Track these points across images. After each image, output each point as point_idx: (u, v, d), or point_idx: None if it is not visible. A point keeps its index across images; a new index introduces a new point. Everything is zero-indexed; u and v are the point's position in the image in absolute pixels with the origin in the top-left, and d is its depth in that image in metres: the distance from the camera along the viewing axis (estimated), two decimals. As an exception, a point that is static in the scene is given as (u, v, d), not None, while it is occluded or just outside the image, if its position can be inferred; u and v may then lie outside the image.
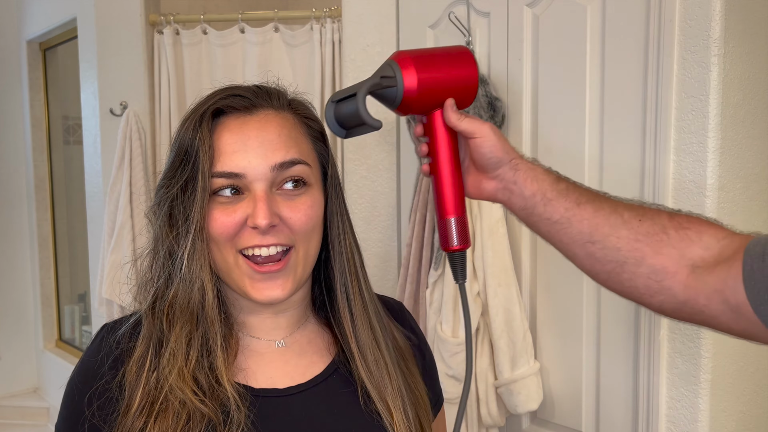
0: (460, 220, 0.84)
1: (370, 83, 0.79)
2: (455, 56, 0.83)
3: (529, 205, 0.81)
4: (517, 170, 0.81)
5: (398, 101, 0.81)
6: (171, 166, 0.78)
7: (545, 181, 0.81)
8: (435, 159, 0.84)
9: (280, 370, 0.82)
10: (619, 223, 0.76)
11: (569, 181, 0.82)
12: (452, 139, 0.84)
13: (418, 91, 0.80)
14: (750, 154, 1.29)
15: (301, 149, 0.79)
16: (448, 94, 0.82)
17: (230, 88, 0.81)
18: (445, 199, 0.84)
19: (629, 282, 0.77)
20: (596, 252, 0.78)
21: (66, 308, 3.65)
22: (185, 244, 0.76)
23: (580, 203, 0.79)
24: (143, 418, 0.73)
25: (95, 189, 2.86)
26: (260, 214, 0.74)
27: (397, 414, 0.80)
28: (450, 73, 0.82)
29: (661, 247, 0.74)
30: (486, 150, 0.82)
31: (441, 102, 0.82)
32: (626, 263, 0.76)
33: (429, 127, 0.84)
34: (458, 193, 0.84)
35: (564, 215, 0.79)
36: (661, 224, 0.75)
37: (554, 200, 0.80)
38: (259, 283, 0.77)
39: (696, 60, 1.23)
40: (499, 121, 1.53)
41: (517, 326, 1.53)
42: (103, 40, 2.65)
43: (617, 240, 0.76)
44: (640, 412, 1.37)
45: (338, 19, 2.06)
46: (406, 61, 0.80)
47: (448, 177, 0.84)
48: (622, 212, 0.77)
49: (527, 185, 0.81)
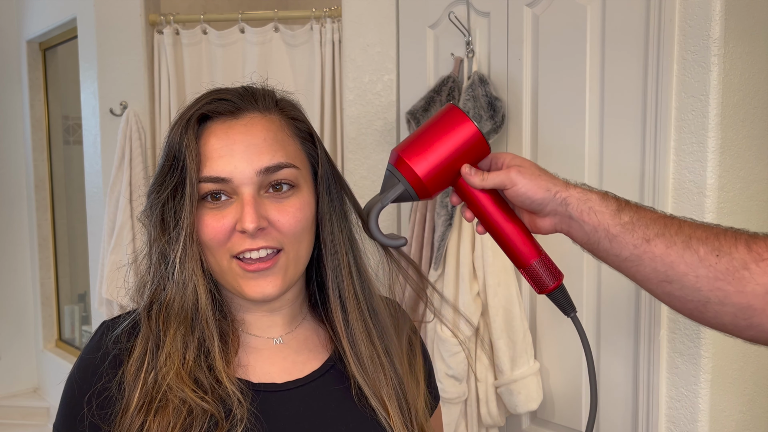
0: (541, 260, 0.80)
1: (379, 207, 0.80)
2: (445, 122, 0.79)
3: (592, 240, 0.76)
4: (567, 205, 0.76)
5: (416, 196, 0.80)
6: (161, 171, 0.79)
7: (604, 213, 0.75)
8: (483, 220, 0.81)
9: (278, 366, 0.83)
10: (695, 261, 0.71)
11: (631, 209, 0.75)
12: (490, 194, 0.80)
13: (427, 179, 0.78)
14: (750, 154, 1.29)
15: (288, 152, 0.79)
16: (460, 161, 0.79)
17: (216, 92, 0.81)
18: (516, 251, 0.80)
19: (715, 319, 0.72)
20: (674, 291, 0.73)
21: (66, 308, 3.65)
22: (176, 248, 0.76)
23: (649, 239, 0.73)
24: (142, 416, 0.73)
25: (95, 189, 2.86)
26: (248, 218, 0.74)
27: (392, 409, 0.81)
28: (448, 143, 0.78)
29: (744, 285, 0.69)
30: (523, 197, 0.77)
31: (457, 170, 0.79)
32: (709, 303, 0.71)
33: (462, 194, 0.81)
34: (525, 239, 0.80)
35: (633, 252, 0.73)
36: (741, 259, 0.69)
37: (619, 236, 0.74)
38: (251, 281, 0.77)
39: (696, 60, 1.23)
40: (499, 121, 1.53)
41: (517, 326, 1.53)
42: (103, 40, 2.65)
43: (696, 280, 0.71)
44: (640, 412, 1.37)
45: (338, 19, 2.06)
46: (401, 160, 0.79)
47: (506, 230, 0.80)
48: (697, 248, 0.71)
49: (584, 219, 0.75)
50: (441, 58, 1.73)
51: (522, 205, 0.78)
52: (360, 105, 1.94)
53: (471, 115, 1.54)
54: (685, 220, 0.74)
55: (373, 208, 0.81)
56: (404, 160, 0.79)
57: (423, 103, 1.65)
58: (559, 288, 0.81)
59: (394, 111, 1.90)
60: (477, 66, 1.62)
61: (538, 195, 0.76)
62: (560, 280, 0.81)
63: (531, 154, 1.54)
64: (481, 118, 1.54)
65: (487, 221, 0.81)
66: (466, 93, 1.57)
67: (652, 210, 0.76)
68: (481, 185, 0.78)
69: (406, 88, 1.86)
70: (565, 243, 0.86)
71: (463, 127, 0.79)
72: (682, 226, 0.73)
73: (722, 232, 0.72)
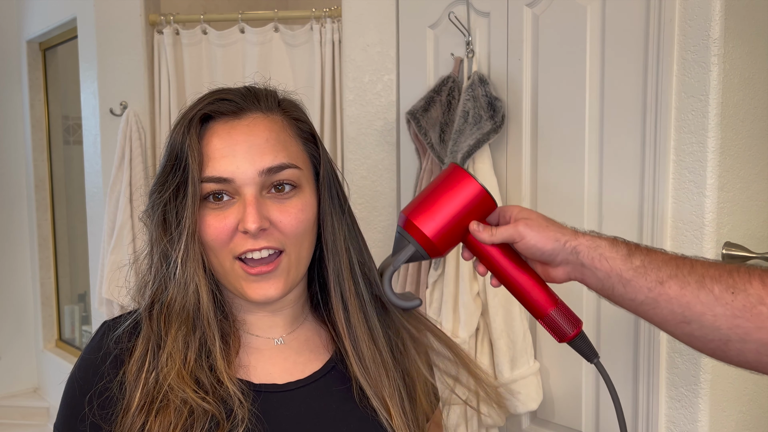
0: (558, 309, 0.80)
1: (391, 270, 0.81)
2: (450, 182, 0.80)
3: (606, 286, 0.76)
4: (578, 253, 0.76)
5: (427, 256, 0.81)
6: (163, 171, 0.79)
7: (615, 259, 0.75)
8: (496, 273, 0.81)
9: (279, 366, 0.83)
10: (711, 300, 0.70)
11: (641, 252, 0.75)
12: (501, 248, 0.80)
13: (437, 239, 0.79)
14: (750, 154, 1.29)
15: (290, 152, 0.79)
16: (468, 219, 0.80)
17: (219, 92, 0.81)
18: (532, 302, 0.81)
19: (738, 357, 0.72)
20: (694, 332, 0.72)
21: (66, 308, 3.64)
22: (178, 248, 0.76)
23: (663, 281, 0.72)
24: (143, 416, 0.73)
25: (95, 189, 2.86)
26: (250, 219, 0.74)
27: (394, 410, 0.81)
28: (454, 203, 0.79)
29: (763, 321, 0.68)
30: (534, 249, 0.77)
31: (466, 228, 0.80)
32: (730, 341, 0.70)
33: (473, 250, 0.82)
34: (540, 289, 0.80)
35: (648, 296, 0.73)
36: (757, 295, 0.69)
37: (633, 280, 0.74)
38: (253, 284, 0.78)
39: (696, 60, 1.23)
40: (498, 121, 1.53)
41: (517, 326, 1.53)
42: (103, 40, 2.65)
43: (714, 319, 0.70)
44: (639, 412, 1.37)
45: (338, 19, 2.06)
46: (409, 222, 0.80)
47: (520, 282, 0.80)
48: (712, 287, 0.71)
49: (596, 266, 0.75)
50: (441, 58, 1.73)
51: (533, 256, 0.79)
52: (360, 105, 1.94)
53: (471, 115, 1.54)
54: (696, 259, 0.74)
55: (386, 271, 0.82)
56: (412, 222, 0.80)
57: (423, 103, 1.65)
58: (579, 335, 0.81)
59: (394, 111, 1.91)
60: (477, 66, 1.62)
61: (547, 246, 0.77)
62: (579, 328, 0.81)
63: (531, 154, 1.54)
64: (481, 118, 1.54)
65: (500, 274, 0.81)
66: (466, 93, 1.57)
67: (662, 252, 0.76)
68: (490, 241, 0.79)
69: (406, 88, 1.86)
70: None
71: (468, 187, 0.79)
72: (695, 265, 0.73)
73: (735, 269, 0.72)
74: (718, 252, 1.24)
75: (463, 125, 1.55)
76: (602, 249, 0.75)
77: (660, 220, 1.29)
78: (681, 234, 1.27)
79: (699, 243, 1.24)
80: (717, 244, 1.24)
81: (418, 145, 1.73)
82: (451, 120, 1.62)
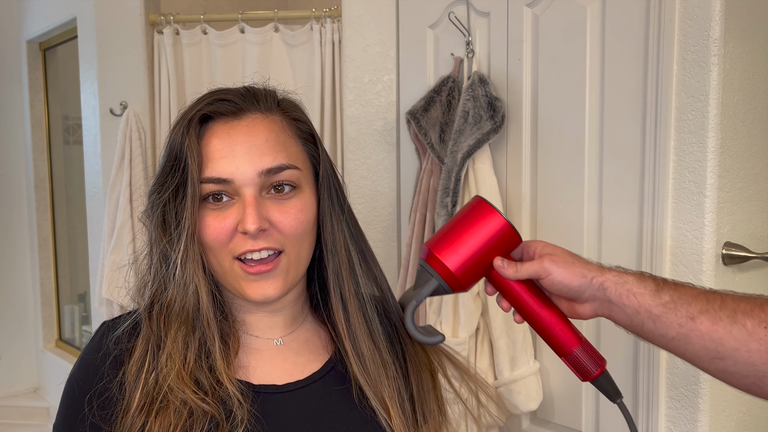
0: (582, 348, 0.79)
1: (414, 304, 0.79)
2: (474, 215, 0.79)
3: (635, 322, 0.75)
4: (605, 289, 0.75)
5: (449, 290, 0.80)
6: (162, 171, 0.79)
7: (644, 295, 0.74)
8: (520, 309, 0.80)
9: (279, 367, 0.83)
10: (744, 335, 0.69)
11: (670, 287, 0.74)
12: (525, 284, 0.79)
13: (460, 273, 0.78)
14: (750, 154, 1.29)
15: (290, 153, 0.79)
16: (492, 253, 0.78)
17: (218, 92, 0.81)
18: (556, 339, 0.79)
19: None
20: (728, 368, 0.71)
21: (66, 308, 3.65)
22: (178, 249, 0.76)
23: (694, 316, 0.71)
24: (143, 416, 0.73)
25: (95, 189, 2.86)
26: (249, 219, 0.74)
27: (394, 410, 0.81)
28: (478, 237, 0.78)
29: None
30: (560, 286, 0.76)
31: (489, 262, 0.79)
32: (765, 376, 0.69)
33: (497, 285, 0.81)
34: (564, 327, 0.79)
35: (679, 332, 0.72)
36: None
37: (662, 316, 0.72)
38: (252, 283, 0.77)
39: (696, 60, 1.23)
40: (498, 121, 1.53)
41: (517, 326, 1.53)
42: (103, 40, 2.65)
43: (748, 355, 0.69)
44: (640, 412, 1.37)
45: (338, 19, 2.06)
46: (432, 256, 0.79)
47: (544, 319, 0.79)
48: (744, 321, 0.69)
49: (625, 302, 0.74)
50: (441, 58, 1.73)
51: (559, 293, 0.78)
52: (360, 105, 1.94)
53: (471, 115, 1.54)
54: (726, 293, 0.73)
55: (408, 305, 0.80)
56: (436, 255, 0.79)
57: (423, 103, 1.65)
58: (603, 374, 0.80)
59: (394, 111, 1.91)
60: (477, 66, 1.62)
61: (574, 282, 0.75)
62: (603, 367, 0.80)
63: (531, 154, 1.54)
64: (481, 118, 1.54)
65: (524, 311, 0.80)
66: (466, 93, 1.57)
67: (691, 286, 0.75)
68: (515, 277, 0.78)
69: (406, 88, 1.86)
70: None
71: (492, 221, 0.78)
72: (725, 299, 0.72)
73: (766, 302, 0.71)
74: (718, 252, 1.24)
75: (463, 125, 1.55)
76: (630, 284, 0.74)
77: (660, 219, 1.29)
78: (681, 234, 1.27)
79: (699, 243, 1.24)
80: (717, 244, 1.24)
81: (418, 145, 1.73)
82: (451, 120, 1.62)
